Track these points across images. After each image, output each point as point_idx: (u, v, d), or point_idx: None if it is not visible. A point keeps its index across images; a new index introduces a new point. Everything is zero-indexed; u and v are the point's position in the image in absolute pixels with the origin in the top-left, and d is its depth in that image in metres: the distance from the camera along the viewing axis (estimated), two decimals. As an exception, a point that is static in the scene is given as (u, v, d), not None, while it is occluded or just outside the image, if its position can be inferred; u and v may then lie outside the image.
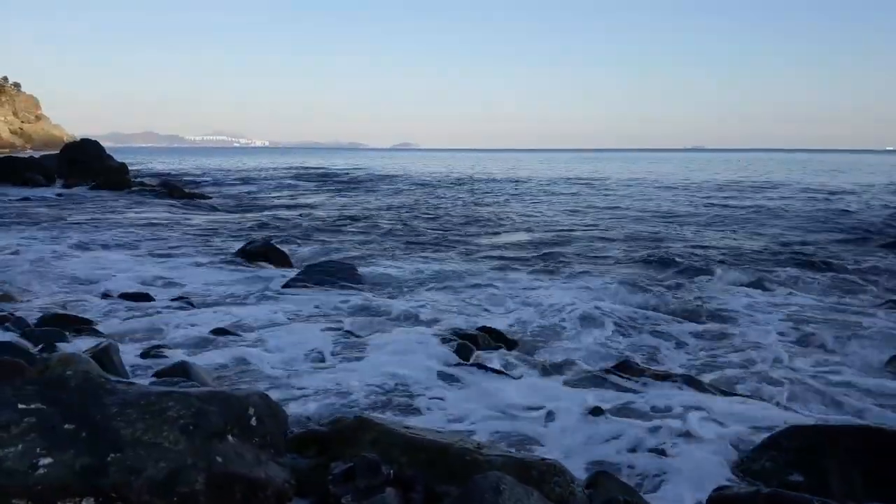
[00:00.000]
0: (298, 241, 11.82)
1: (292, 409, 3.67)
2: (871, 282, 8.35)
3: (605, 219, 15.84)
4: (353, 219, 15.19)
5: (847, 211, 17.04)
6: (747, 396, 4.20)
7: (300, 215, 16.09)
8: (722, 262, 9.83)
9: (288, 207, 18.75)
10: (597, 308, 6.93)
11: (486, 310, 6.78)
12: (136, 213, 15.88)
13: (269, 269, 7.84)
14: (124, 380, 3.54)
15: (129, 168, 27.51)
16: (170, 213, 16.28)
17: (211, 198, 21.15)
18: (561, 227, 14.34)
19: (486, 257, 10.33)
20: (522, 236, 12.96)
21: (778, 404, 4.09)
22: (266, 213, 17.08)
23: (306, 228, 13.79)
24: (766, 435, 3.21)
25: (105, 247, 10.24)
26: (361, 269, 8.20)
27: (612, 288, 8.03)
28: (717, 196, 22.32)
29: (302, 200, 21.00)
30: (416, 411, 3.76)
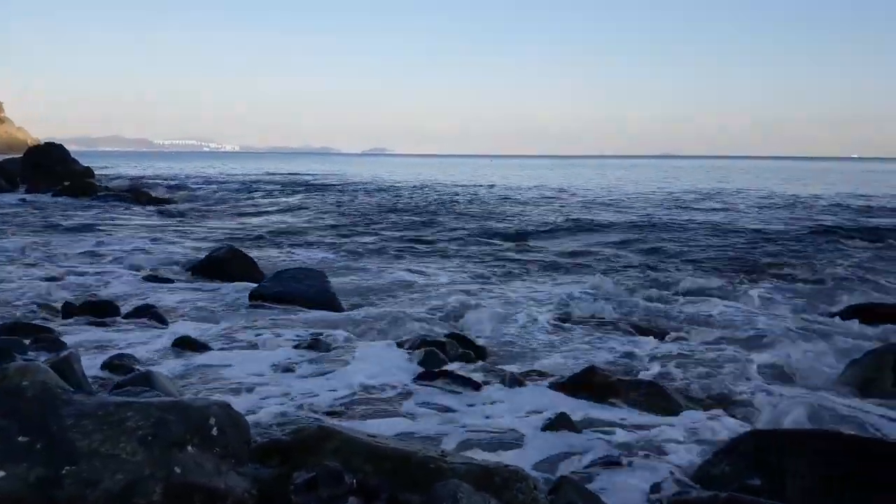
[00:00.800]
0: (265, 246, 11.74)
1: (258, 417, 3.65)
2: (827, 290, 8.56)
3: (565, 224, 15.94)
4: (326, 227, 15.11)
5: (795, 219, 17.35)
6: (710, 405, 4.27)
7: (269, 221, 15.98)
8: (686, 269, 9.99)
9: (256, 214, 18.61)
10: (567, 314, 7.01)
11: (456, 317, 6.79)
12: (101, 219, 15.64)
13: (234, 284, 7.71)
14: (84, 390, 3.49)
15: (96, 173, 27.09)
16: (135, 218, 16.06)
17: (177, 203, 20.92)
18: (528, 231, 14.48)
19: (458, 265, 10.37)
20: (493, 244, 13.02)
21: (738, 413, 4.16)
22: (234, 219, 16.95)
23: (273, 234, 13.70)
24: (726, 441, 3.27)
25: (66, 255, 10.06)
26: (331, 277, 8.17)
27: (583, 294, 8.11)
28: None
29: (270, 207, 20.84)
30: (381, 419, 3.75)
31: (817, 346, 5.68)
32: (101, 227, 13.91)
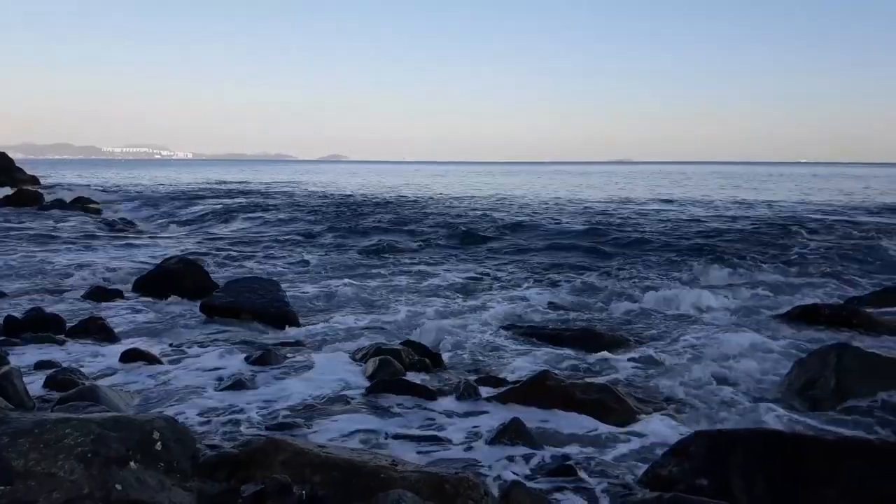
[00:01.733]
0: (218, 257, 11.56)
1: (206, 430, 3.58)
2: (777, 288, 8.79)
3: (516, 230, 15.98)
4: (276, 238, 14.87)
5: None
6: (660, 408, 4.35)
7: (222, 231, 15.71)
8: (638, 273, 10.15)
9: (207, 224, 18.31)
10: (520, 321, 7.06)
11: (410, 327, 6.77)
12: (46, 229, 15.19)
13: (185, 295, 7.55)
14: (24, 407, 3.38)
15: (42, 182, 26.32)
16: (82, 229, 15.65)
17: (126, 214, 20.46)
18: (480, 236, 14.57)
19: (407, 272, 10.35)
20: (447, 251, 13.03)
21: (687, 416, 4.24)
22: (185, 228, 16.64)
23: (227, 244, 13.50)
24: (673, 443, 3.32)
25: (8, 266, 9.74)
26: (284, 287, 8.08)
27: (535, 298, 8.20)
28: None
29: (221, 218, 20.44)
30: (327, 431, 3.71)
31: (765, 348, 5.81)
32: (44, 239, 13.52)
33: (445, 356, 5.64)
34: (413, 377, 4.76)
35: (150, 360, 5.06)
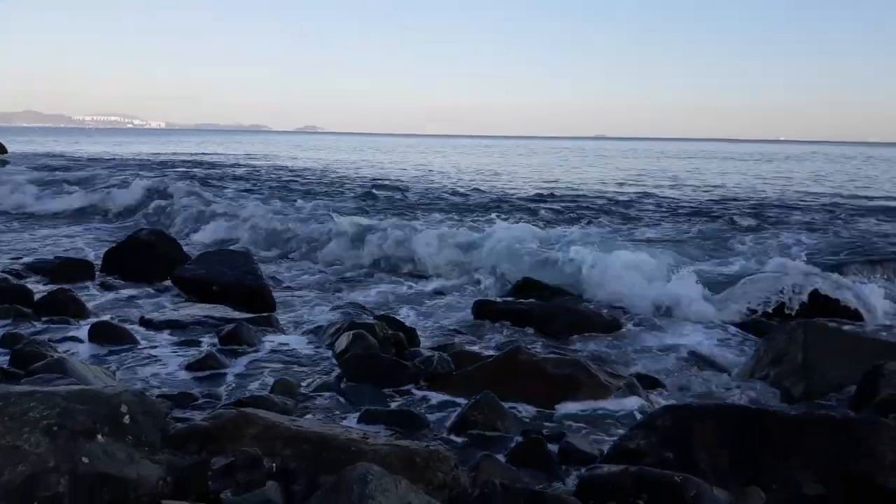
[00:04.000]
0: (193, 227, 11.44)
1: (177, 402, 3.57)
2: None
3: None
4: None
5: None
6: (632, 384, 4.41)
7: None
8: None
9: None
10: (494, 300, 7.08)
11: (383, 305, 6.76)
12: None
13: (155, 271, 7.39)
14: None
15: (9, 150, 25.71)
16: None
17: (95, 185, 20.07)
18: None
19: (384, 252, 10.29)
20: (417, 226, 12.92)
21: (657, 391, 4.31)
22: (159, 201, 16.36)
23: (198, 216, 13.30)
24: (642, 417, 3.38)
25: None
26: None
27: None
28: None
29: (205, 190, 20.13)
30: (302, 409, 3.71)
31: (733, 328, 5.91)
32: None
33: (420, 333, 5.64)
34: (386, 351, 4.76)
35: (120, 335, 4.99)
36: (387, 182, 20.32)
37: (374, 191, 17.06)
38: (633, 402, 3.91)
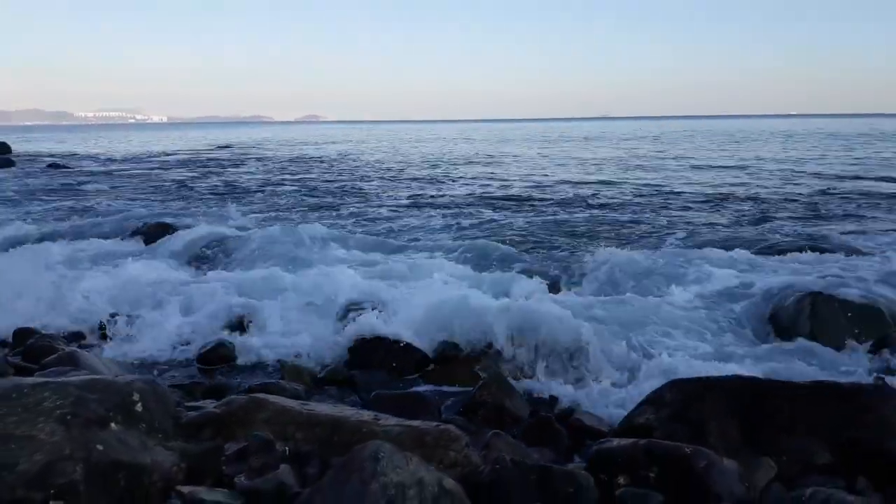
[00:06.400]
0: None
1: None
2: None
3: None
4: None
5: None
6: (637, 360, 4.42)
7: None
8: (600, 236, 10.07)
9: (189, 187, 18.09)
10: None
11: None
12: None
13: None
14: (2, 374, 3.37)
15: (13, 150, 25.77)
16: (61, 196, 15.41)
17: (98, 180, 20.16)
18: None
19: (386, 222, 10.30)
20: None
21: (662, 365, 4.30)
22: (162, 196, 16.41)
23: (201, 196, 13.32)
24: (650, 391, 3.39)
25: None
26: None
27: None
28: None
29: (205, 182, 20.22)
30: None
31: (741, 301, 5.86)
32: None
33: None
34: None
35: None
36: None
37: None
38: (640, 377, 3.90)
